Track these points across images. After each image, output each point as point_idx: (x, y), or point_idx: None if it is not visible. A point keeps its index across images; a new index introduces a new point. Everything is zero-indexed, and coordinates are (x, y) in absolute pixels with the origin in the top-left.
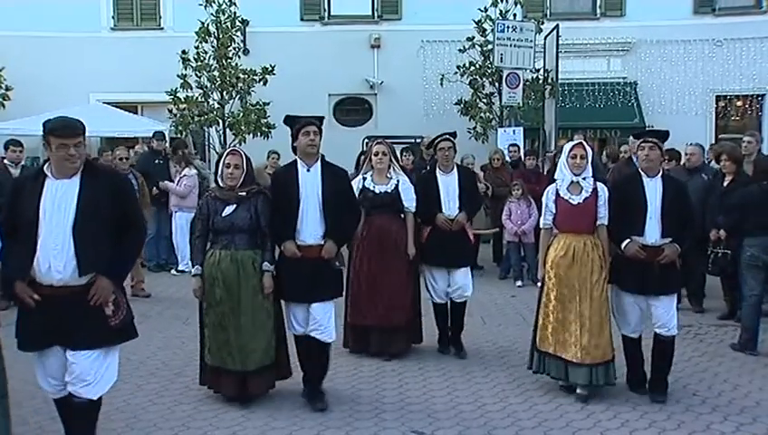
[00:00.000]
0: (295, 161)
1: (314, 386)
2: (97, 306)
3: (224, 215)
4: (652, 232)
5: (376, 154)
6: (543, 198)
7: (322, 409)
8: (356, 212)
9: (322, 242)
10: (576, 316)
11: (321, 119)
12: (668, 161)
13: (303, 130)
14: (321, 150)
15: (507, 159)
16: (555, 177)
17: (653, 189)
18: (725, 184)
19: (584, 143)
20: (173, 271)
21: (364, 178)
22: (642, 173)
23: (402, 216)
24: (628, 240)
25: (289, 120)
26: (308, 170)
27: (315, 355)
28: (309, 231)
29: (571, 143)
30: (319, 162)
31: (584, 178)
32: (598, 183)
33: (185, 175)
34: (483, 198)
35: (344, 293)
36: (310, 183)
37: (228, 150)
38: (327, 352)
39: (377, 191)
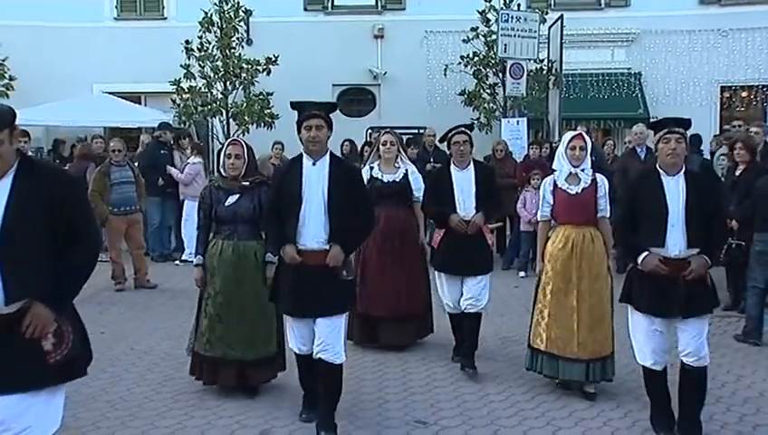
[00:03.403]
0: (301, 155)
1: (325, 413)
2: (32, 339)
3: (226, 204)
4: (675, 242)
5: (384, 144)
6: (541, 190)
7: None
8: (368, 214)
9: (327, 247)
10: (573, 310)
11: (330, 107)
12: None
13: (305, 124)
14: None
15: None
16: (554, 167)
17: (675, 190)
18: (738, 173)
19: (584, 134)
20: (176, 261)
21: (371, 168)
22: (661, 170)
23: (410, 205)
24: (646, 253)
25: (294, 106)
26: (313, 164)
27: (323, 379)
28: (311, 234)
29: (570, 134)
30: (327, 156)
31: (583, 170)
32: (597, 174)
33: (189, 163)
34: (503, 198)
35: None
36: (314, 179)
37: (229, 141)
38: (338, 374)
39: (385, 180)
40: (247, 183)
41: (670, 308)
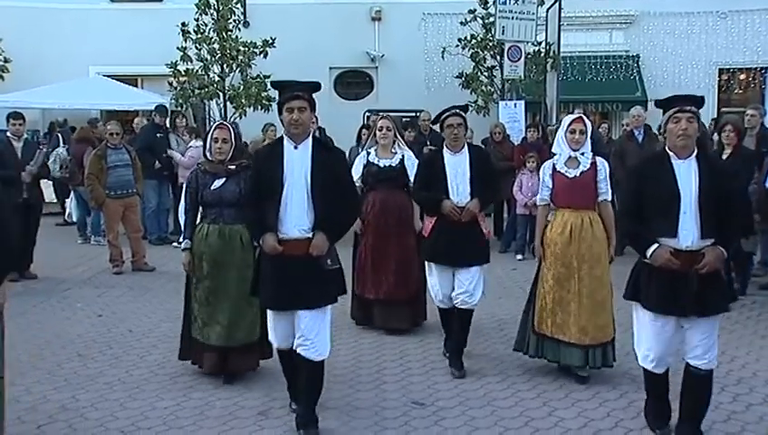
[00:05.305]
0: (282, 138)
1: (304, 408)
2: None
3: (212, 188)
4: (688, 232)
5: (380, 129)
6: (540, 173)
7: None
8: (353, 200)
9: (310, 236)
10: (574, 295)
11: (313, 87)
12: None
13: (287, 106)
14: (322, 124)
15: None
16: (553, 150)
17: (687, 174)
18: (725, 157)
19: (584, 118)
20: (174, 244)
21: (368, 153)
22: (671, 153)
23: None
24: (656, 245)
25: (275, 86)
26: (295, 148)
27: (303, 374)
28: (293, 222)
29: (570, 117)
30: (309, 139)
31: (582, 154)
32: (597, 157)
33: (191, 146)
34: (500, 184)
35: (348, 287)
36: (297, 164)
37: (216, 125)
38: (319, 371)
39: (381, 166)
40: (233, 167)
41: (682, 306)
